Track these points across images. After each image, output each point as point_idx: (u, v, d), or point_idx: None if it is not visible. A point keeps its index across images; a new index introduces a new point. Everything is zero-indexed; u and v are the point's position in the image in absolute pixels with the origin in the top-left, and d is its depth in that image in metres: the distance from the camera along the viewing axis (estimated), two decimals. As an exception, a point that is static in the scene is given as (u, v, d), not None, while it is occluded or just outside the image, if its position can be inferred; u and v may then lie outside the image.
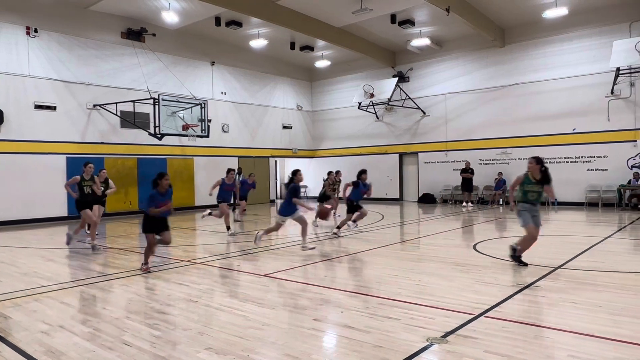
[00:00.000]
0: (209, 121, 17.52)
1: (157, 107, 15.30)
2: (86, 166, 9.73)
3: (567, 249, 8.36)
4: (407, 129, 22.10)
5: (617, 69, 15.33)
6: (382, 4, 15.91)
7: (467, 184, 18.68)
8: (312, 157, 25.70)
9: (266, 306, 5.13)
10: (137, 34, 17.27)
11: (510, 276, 6.26)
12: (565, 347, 3.79)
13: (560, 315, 4.58)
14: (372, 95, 20.95)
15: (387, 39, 20.25)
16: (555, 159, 17.75)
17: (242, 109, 21.79)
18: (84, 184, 9.46)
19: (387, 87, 20.95)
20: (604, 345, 3.82)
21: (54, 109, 15.44)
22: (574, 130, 17.35)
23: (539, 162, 6.78)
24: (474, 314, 4.61)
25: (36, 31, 14.94)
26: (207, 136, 17.18)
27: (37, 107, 15.06)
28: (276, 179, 25.84)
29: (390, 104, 21.44)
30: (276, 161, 25.59)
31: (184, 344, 4.04)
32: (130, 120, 16.30)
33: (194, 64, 19.65)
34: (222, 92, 20.80)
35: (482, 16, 17.34)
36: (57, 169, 15.40)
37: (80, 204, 9.46)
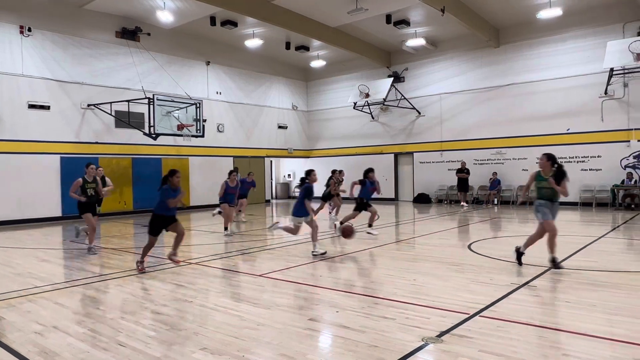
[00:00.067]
0: (204, 121, 17.47)
1: (151, 106, 15.24)
2: (88, 167, 9.18)
3: (562, 248, 8.38)
4: (402, 129, 22.14)
5: (611, 70, 15.42)
6: (377, 4, 15.92)
7: (463, 184, 18.74)
8: (308, 157, 25.69)
9: (261, 306, 5.12)
10: (131, 33, 17.20)
11: (505, 276, 6.29)
12: (560, 346, 3.81)
13: (555, 314, 4.60)
14: (367, 95, 20.98)
15: (382, 39, 20.28)
16: (549, 159, 17.81)
17: (237, 109, 21.75)
18: (86, 186, 8.99)
19: (382, 87, 20.98)
20: (599, 344, 3.84)
21: (48, 108, 15.36)
22: (568, 130, 17.44)
23: (549, 158, 6.57)
24: (469, 314, 4.62)
25: (30, 30, 14.85)
26: (202, 136, 17.12)
27: (31, 106, 14.98)
28: (271, 179, 25.82)
29: (385, 104, 21.46)
30: (272, 161, 25.56)
31: (179, 344, 4.03)
32: (124, 120, 16.23)
33: (189, 64, 19.60)
34: (217, 92, 20.76)
35: (476, 16, 17.40)
36: (51, 168, 15.33)
37: (83, 207, 9.05)
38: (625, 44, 14.98)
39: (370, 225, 10.71)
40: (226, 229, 11.32)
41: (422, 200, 20.90)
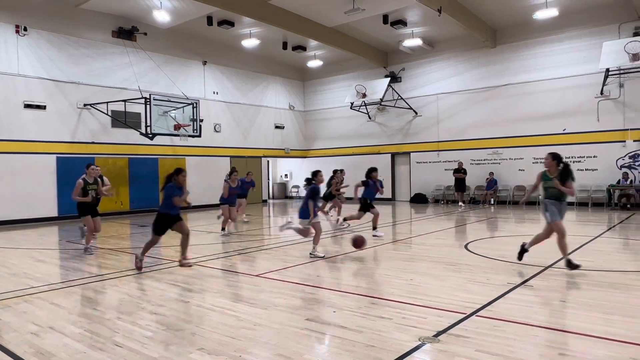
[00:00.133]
0: (201, 121, 17.45)
1: (148, 106, 15.21)
2: (89, 168, 8.98)
3: (557, 248, 8.41)
4: (399, 129, 22.16)
5: (607, 70, 15.47)
6: (374, 4, 15.93)
7: (460, 184, 18.78)
8: (305, 157, 25.68)
9: (259, 306, 5.11)
10: (128, 32, 17.16)
11: (501, 275, 6.30)
12: (556, 345, 3.82)
13: (551, 314, 4.62)
14: (364, 95, 20.99)
15: (379, 39, 20.29)
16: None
17: (234, 109, 21.72)
18: (88, 187, 8.81)
19: (379, 87, 21.00)
20: (595, 343, 3.85)
21: (44, 108, 15.30)
22: (564, 130, 17.49)
23: (555, 158, 6.47)
24: (465, 313, 4.63)
25: (25, 30, 14.79)
26: (199, 136, 17.11)
27: (27, 106, 14.91)
28: (268, 179, 25.81)
29: (382, 104, 21.49)
30: (268, 161, 25.55)
31: (176, 344, 4.02)
32: (121, 119, 16.19)
33: (186, 64, 19.56)
34: (214, 92, 20.73)
35: (473, 17, 17.43)
36: (47, 168, 15.27)
37: (83, 209, 8.86)
38: (620, 45, 15.03)
39: (374, 228, 10.56)
40: (223, 229, 11.31)
41: (419, 200, 20.92)
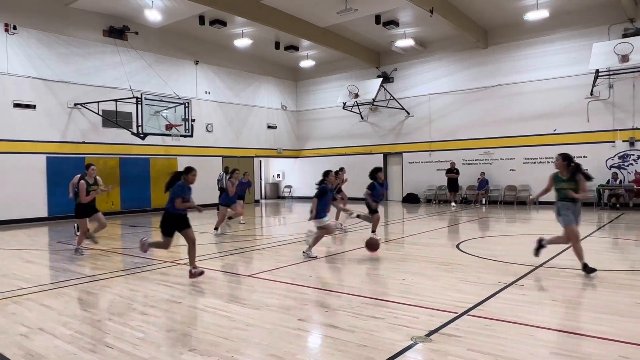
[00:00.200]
0: (193, 121, 17.37)
1: (139, 106, 15.12)
2: (89, 168, 8.76)
3: (548, 247, 8.47)
4: (391, 129, 22.21)
5: (597, 71, 15.61)
6: (366, 5, 15.96)
7: (453, 184, 18.86)
8: (297, 157, 25.67)
9: (251, 307, 5.10)
10: (119, 32, 17.04)
11: (493, 275, 6.34)
12: (547, 344, 3.85)
13: (541, 313, 4.65)
14: (356, 95, 21.01)
15: (371, 39, 20.33)
16: (536, 159, 18.05)
17: (226, 109, 21.66)
18: (89, 188, 8.62)
19: (371, 87, 21.03)
20: (585, 341, 3.89)
21: (34, 107, 15.15)
22: (554, 131, 17.63)
23: (565, 158, 6.31)
24: (457, 313, 4.65)
25: (15, 28, 14.64)
26: (191, 136, 17.03)
27: (16, 105, 14.76)
28: (261, 179, 25.76)
29: (374, 104, 21.53)
30: (261, 161, 25.50)
31: (168, 345, 4.00)
32: (112, 119, 16.07)
33: (178, 63, 19.47)
34: (206, 92, 20.66)
35: (465, 18, 17.52)
36: (37, 169, 15.12)
37: (82, 210, 8.63)
38: (610, 46, 15.17)
39: (373, 231, 10.32)
40: (216, 228, 11.30)
41: (411, 200, 20.99)
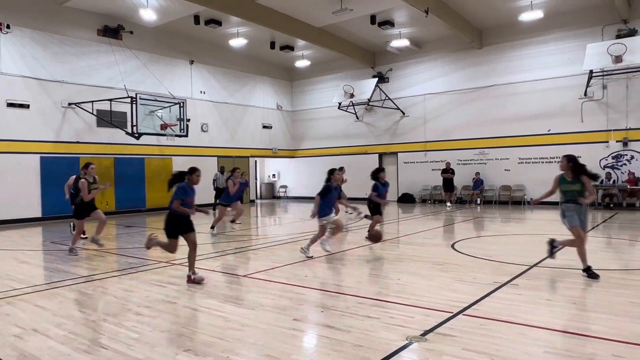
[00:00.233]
0: (188, 120, 17.33)
1: (134, 106, 15.07)
2: (88, 167, 8.64)
3: (543, 247, 8.50)
4: (386, 129, 22.25)
5: (590, 72, 15.70)
6: (362, 5, 15.97)
7: (448, 184, 18.90)
8: (292, 157, 25.65)
9: (246, 307, 5.10)
10: (114, 31, 16.97)
11: (487, 275, 6.36)
12: (541, 343, 3.87)
13: (536, 312, 4.67)
14: (352, 95, 21.02)
15: (367, 39, 20.35)
16: (530, 159, 18.14)
17: (221, 108, 21.61)
18: (90, 187, 8.53)
19: (367, 87, 21.06)
20: (579, 340, 3.91)
21: (27, 107, 15.06)
22: (549, 131, 17.72)
23: (570, 160, 6.26)
24: (452, 312, 4.66)
25: (8, 27, 14.54)
26: (186, 136, 16.99)
27: (10, 105, 14.66)
28: (256, 179, 25.72)
29: (370, 104, 21.55)
30: (256, 161, 25.47)
31: (162, 345, 3.99)
32: (106, 119, 16.00)
33: (173, 63, 19.41)
34: (201, 91, 20.60)
35: (460, 18, 17.57)
36: (30, 169, 15.03)
37: (82, 210, 8.50)
38: (604, 47, 15.27)
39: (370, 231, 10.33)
40: (213, 227, 11.31)
41: (406, 200, 21.03)
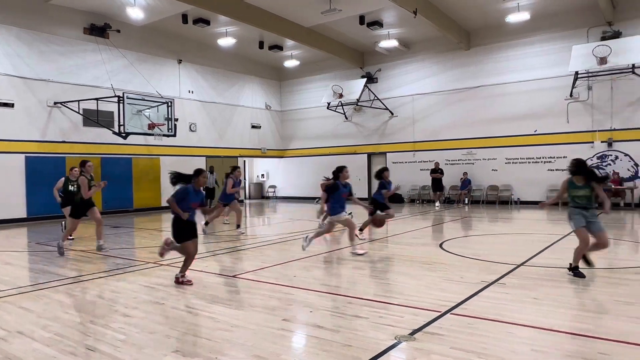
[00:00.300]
0: (176, 120, 17.21)
1: (121, 105, 14.93)
2: (85, 165, 8.44)
3: (529, 246, 8.62)
4: (375, 130, 22.31)
5: (576, 73, 15.90)
6: (350, 5, 16.00)
7: (437, 184, 19.01)
8: (281, 157, 25.61)
9: (235, 307, 5.08)
10: (100, 29, 16.79)
11: (475, 274, 6.41)
12: (528, 341, 3.90)
13: (522, 311, 4.72)
14: (340, 95, 21.05)
15: (355, 39, 20.39)
16: (517, 159, 18.32)
17: (209, 108, 21.51)
18: (91, 184, 8.41)
19: (355, 87, 21.10)
20: (565, 339, 3.96)
21: (12, 106, 14.84)
22: (535, 131, 17.91)
23: (579, 164, 6.23)
24: (440, 312, 4.69)
25: (-8, 25, 14.35)
26: (174, 135, 16.87)
27: (-6, 104, 14.47)
28: (245, 179, 25.63)
29: (358, 104, 21.60)
30: (245, 161, 25.38)
31: (150, 347, 3.95)
32: (93, 118, 15.83)
33: (161, 62, 19.26)
34: (189, 91, 20.48)
35: (448, 19, 17.69)
36: (15, 168, 14.81)
37: (80, 209, 8.30)
38: (589, 48, 15.48)
39: (361, 229, 10.11)
40: (207, 224, 11.38)
41: (394, 200, 21.05)
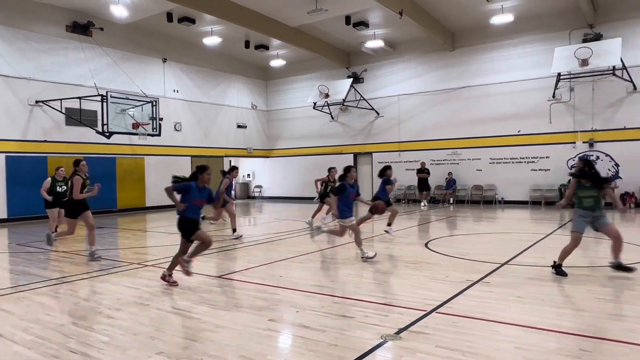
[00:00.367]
0: (161, 119, 17.05)
1: (105, 104, 14.73)
2: (79, 164, 8.20)
3: (513, 245, 8.72)
4: (361, 129, 22.38)
5: (558, 74, 16.14)
6: (337, 5, 16.02)
7: (423, 184, 19.13)
8: (267, 157, 25.54)
9: (220, 308, 5.05)
10: (83, 27, 16.54)
11: (460, 273, 6.47)
12: (511, 339, 3.95)
13: (506, 309, 4.77)
14: (327, 95, 21.06)
15: (341, 39, 20.43)
16: (501, 159, 18.53)
17: (195, 107, 21.34)
18: (85, 183, 8.12)
19: (341, 87, 21.13)
20: (547, 336, 4.02)
21: (-8, 104, 14.57)
22: (518, 132, 18.14)
23: (586, 164, 6.18)
24: (426, 311, 4.72)
25: (-29, 22, 14.05)
26: (159, 135, 16.72)
27: (-27, 102, 14.17)
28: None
29: (344, 104, 21.64)
30: (230, 161, 25.22)
31: (135, 349, 3.91)
32: (76, 117, 15.60)
33: (145, 61, 19.06)
34: (174, 90, 20.30)
35: (433, 20, 17.82)
36: (-5, 168, 14.54)
37: (76, 209, 7.93)
38: (571, 50, 15.72)
39: (389, 224, 10.33)
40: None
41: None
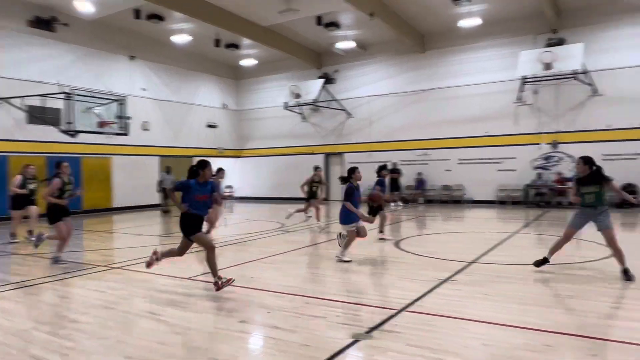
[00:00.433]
0: (128, 118, 16.64)
1: (69, 102, 14.29)
2: (61, 166, 7.66)
3: (480, 244, 8.91)
4: (332, 130, 22.45)
5: (523, 77, 16.60)
6: (308, 5, 16.01)
7: (395, 184, 19.31)
8: (238, 157, 25.31)
9: (190, 310, 4.97)
10: (46, 22, 15.97)
11: (430, 271, 6.56)
12: (479, 336, 4.04)
13: (474, 307, 4.87)
14: (298, 95, 21.03)
15: (313, 40, 20.44)
16: (469, 160, 18.92)
17: (164, 107, 20.95)
18: (65, 188, 7.52)
19: (313, 87, 21.14)
20: (513, 332, 4.12)
21: (-52, 101, 13.93)
22: (486, 133, 18.56)
23: (586, 162, 6.12)
24: (396, 309, 4.77)
25: None
26: (126, 134, 16.31)
27: None
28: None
29: (316, 104, 21.65)
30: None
31: (100, 353, 3.80)
32: (38, 115, 15.07)
33: (112, 58, 18.58)
34: (142, 89, 19.87)
35: (403, 22, 18.04)
36: (-49, 168, 13.91)
37: (57, 212, 7.46)
38: (535, 54, 16.18)
39: (381, 231, 9.98)
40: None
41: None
